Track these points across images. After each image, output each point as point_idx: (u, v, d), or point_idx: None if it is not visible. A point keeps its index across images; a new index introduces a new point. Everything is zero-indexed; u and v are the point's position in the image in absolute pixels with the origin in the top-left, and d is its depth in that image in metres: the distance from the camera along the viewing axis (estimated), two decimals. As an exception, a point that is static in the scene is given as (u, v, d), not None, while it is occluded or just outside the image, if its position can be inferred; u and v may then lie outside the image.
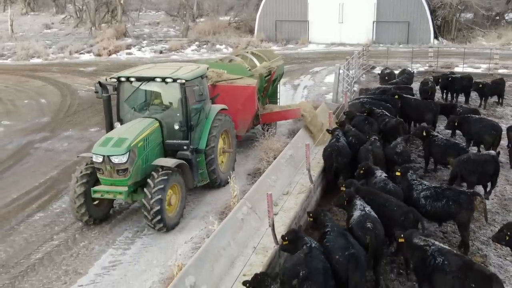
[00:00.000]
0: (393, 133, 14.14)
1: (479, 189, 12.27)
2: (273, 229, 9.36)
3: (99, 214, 11.30)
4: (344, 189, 10.18)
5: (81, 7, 53.83)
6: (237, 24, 49.20)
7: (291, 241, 8.25)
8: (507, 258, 9.89)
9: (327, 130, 14.34)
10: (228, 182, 12.52)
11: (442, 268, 7.49)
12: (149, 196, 10.42)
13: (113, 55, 37.99)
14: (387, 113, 15.20)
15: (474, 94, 21.63)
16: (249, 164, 14.49)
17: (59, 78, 28.49)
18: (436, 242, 8.19)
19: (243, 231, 10.02)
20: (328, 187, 13.03)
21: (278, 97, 18.64)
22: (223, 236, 9.41)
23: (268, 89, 16.98)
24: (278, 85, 18.64)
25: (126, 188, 10.72)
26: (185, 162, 11.41)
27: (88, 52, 38.74)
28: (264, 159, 13.87)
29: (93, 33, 44.39)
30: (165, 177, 10.61)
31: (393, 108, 16.19)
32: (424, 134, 13.59)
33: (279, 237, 9.00)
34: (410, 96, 17.61)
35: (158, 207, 10.40)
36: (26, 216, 11.80)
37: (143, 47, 40.39)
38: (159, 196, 10.39)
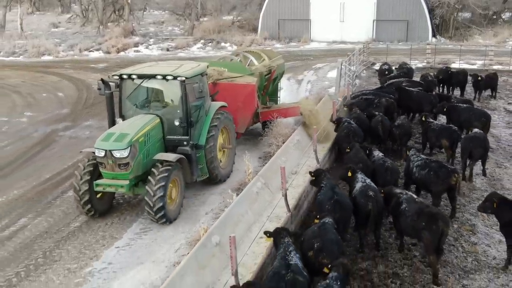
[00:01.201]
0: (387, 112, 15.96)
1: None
2: (285, 199, 10.63)
3: (102, 207, 11.60)
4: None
5: (87, 6, 55.17)
6: (240, 23, 50.45)
7: (316, 176, 10.59)
8: (493, 227, 11.09)
9: (331, 121, 15.54)
10: (229, 177, 13.38)
11: (404, 212, 9.51)
12: (151, 194, 10.71)
13: (122, 53, 39.29)
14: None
15: (469, 88, 22.88)
16: (260, 148, 15.74)
17: (73, 74, 29.78)
18: (409, 193, 10.01)
19: (258, 203, 11.28)
20: (331, 168, 14.34)
21: (279, 96, 19.07)
22: (241, 205, 10.66)
23: (268, 87, 17.33)
24: (279, 84, 19.06)
25: (127, 182, 10.98)
26: (184, 157, 11.68)
27: (97, 50, 40.04)
28: (274, 143, 15.11)
29: (101, 32, 45.67)
30: (166, 174, 10.88)
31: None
32: (423, 119, 14.93)
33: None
34: (412, 89, 18.67)
35: (161, 204, 10.73)
36: (60, 193, 13.04)
37: (150, 45, 41.67)
38: (161, 194, 10.70)
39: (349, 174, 10.75)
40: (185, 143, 12.01)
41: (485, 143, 13.58)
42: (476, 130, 14.07)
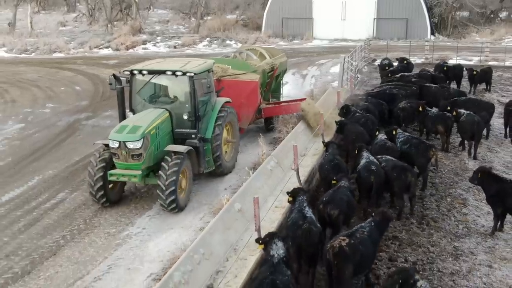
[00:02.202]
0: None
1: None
2: (297, 173, 11.97)
3: (114, 197, 12.15)
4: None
5: (93, 6, 56.49)
6: (243, 21, 51.76)
7: (327, 145, 12.68)
8: (482, 201, 12.33)
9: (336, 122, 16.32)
10: (232, 170, 14.04)
11: (383, 169, 11.37)
12: (164, 183, 11.18)
13: (130, 50, 40.59)
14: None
15: (465, 82, 24.17)
16: (271, 134, 17.05)
17: (86, 70, 31.08)
18: (390, 157, 11.74)
19: (271, 179, 12.59)
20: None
21: (281, 92, 19.61)
22: (257, 180, 11.97)
23: (271, 84, 17.77)
24: (281, 81, 19.56)
25: (140, 172, 11.47)
26: (193, 149, 12.20)
27: (107, 47, 41.37)
28: (284, 130, 16.42)
29: (109, 30, 46.99)
30: (178, 161, 11.42)
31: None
32: (420, 108, 16.25)
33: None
34: (430, 85, 19.70)
35: (173, 193, 11.23)
36: (91, 173, 14.34)
37: (157, 42, 42.97)
38: (174, 178, 11.19)
39: (356, 151, 12.08)
40: (193, 136, 12.48)
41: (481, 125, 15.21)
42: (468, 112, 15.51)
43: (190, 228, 11.01)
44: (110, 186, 12.00)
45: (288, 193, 9.86)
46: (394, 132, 13.52)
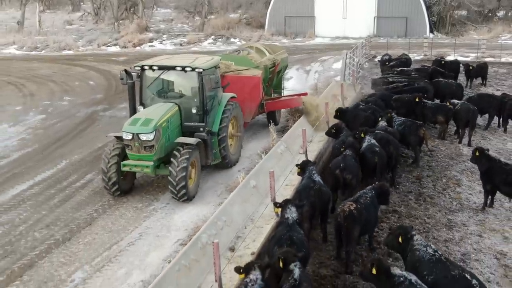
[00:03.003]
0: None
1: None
2: (306, 154, 13.14)
3: (125, 187, 12.65)
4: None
5: (99, 5, 57.66)
6: (247, 20, 52.94)
7: (336, 130, 13.78)
8: (475, 182, 13.52)
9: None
10: (236, 163, 14.60)
11: (378, 142, 12.58)
12: (174, 173, 11.65)
13: (138, 48, 41.78)
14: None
15: (462, 77, 25.31)
16: (279, 123, 18.23)
17: (97, 66, 32.25)
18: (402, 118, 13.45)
19: (282, 161, 13.74)
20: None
21: (283, 88, 20.12)
22: (269, 161, 13.11)
23: (273, 80, 18.16)
24: (283, 77, 19.98)
25: (152, 163, 11.97)
26: (202, 141, 12.76)
27: (114, 45, 42.58)
28: (291, 118, 17.58)
29: (116, 28, 48.16)
30: (187, 156, 11.88)
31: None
32: (417, 100, 17.38)
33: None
34: (440, 79, 20.59)
35: (183, 183, 11.71)
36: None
37: (164, 40, 44.17)
38: (183, 174, 11.66)
39: (362, 135, 13.23)
40: (201, 129, 12.99)
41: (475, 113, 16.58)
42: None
43: (210, 204, 12.18)
44: (122, 176, 12.47)
45: (297, 165, 11.17)
46: (389, 115, 14.75)
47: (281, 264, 7.12)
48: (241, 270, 7.28)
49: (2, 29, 51.02)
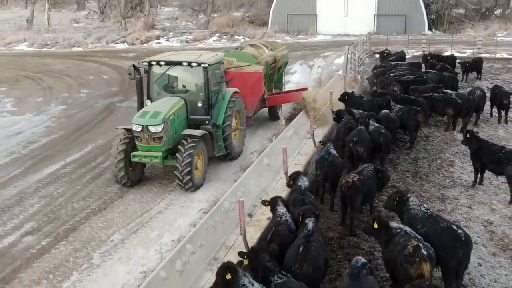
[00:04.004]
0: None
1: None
2: (313, 137, 14.48)
3: (134, 177, 13.17)
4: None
5: (104, 3, 59.03)
6: (250, 18, 54.26)
7: (337, 114, 14.75)
8: (467, 163, 14.80)
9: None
10: (240, 155, 15.16)
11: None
12: (181, 159, 12.13)
13: (145, 45, 43.10)
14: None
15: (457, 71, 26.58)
16: (287, 111, 19.58)
17: (108, 61, 33.60)
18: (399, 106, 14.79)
19: (290, 144, 15.04)
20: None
21: (284, 83, 20.71)
22: (280, 143, 14.40)
23: (273, 75, 18.65)
24: (283, 73, 20.47)
25: (160, 153, 12.46)
26: (208, 133, 13.26)
27: (122, 42, 43.90)
28: (297, 108, 18.91)
29: (123, 26, 49.51)
30: (194, 144, 12.42)
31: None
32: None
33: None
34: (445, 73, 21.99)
35: (189, 169, 12.17)
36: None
37: (170, 37, 45.49)
38: (189, 159, 12.14)
39: (367, 120, 14.54)
40: (206, 122, 13.50)
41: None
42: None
43: (227, 180, 13.51)
44: (131, 168, 13.07)
45: (320, 142, 12.78)
46: (386, 102, 16.14)
47: (300, 218, 8.46)
48: (267, 203, 9.11)
49: (12, 27, 52.33)
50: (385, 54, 27.02)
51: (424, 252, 7.61)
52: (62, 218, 11.59)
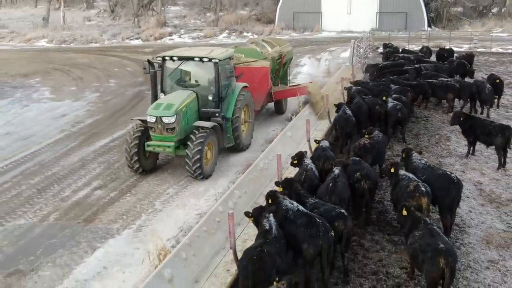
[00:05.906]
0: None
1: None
2: (329, 119, 16.73)
3: (148, 166, 13.84)
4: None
5: (115, 2, 61.26)
6: (257, 16, 56.51)
7: (338, 107, 15.84)
8: (462, 138, 16.72)
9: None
10: (248, 147, 15.86)
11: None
12: (192, 148, 12.74)
13: (158, 41, 45.33)
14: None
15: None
16: (293, 103, 21.49)
17: (128, 56, 35.82)
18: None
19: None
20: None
21: (289, 78, 21.37)
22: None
23: (279, 70, 19.27)
24: (288, 68, 21.04)
25: (173, 143, 13.09)
26: (218, 125, 13.79)
27: (137, 38, 46.11)
28: (302, 100, 20.98)
29: (136, 23, 51.73)
30: (203, 138, 12.98)
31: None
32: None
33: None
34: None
35: (198, 156, 12.78)
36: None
37: (182, 34, 47.72)
38: (200, 148, 12.75)
39: (384, 98, 16.61)
40: (217, 114, 14.09)
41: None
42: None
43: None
44: (145, 157, 13.74)
45: (334, 104, 15.17)
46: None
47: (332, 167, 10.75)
48: (293, 158, 11.12)
49: (28, 25, 54.50)
50: (388, 45, 29.23)
51: (423, 189, 9.83)
52: (122, 177, 13.84)
